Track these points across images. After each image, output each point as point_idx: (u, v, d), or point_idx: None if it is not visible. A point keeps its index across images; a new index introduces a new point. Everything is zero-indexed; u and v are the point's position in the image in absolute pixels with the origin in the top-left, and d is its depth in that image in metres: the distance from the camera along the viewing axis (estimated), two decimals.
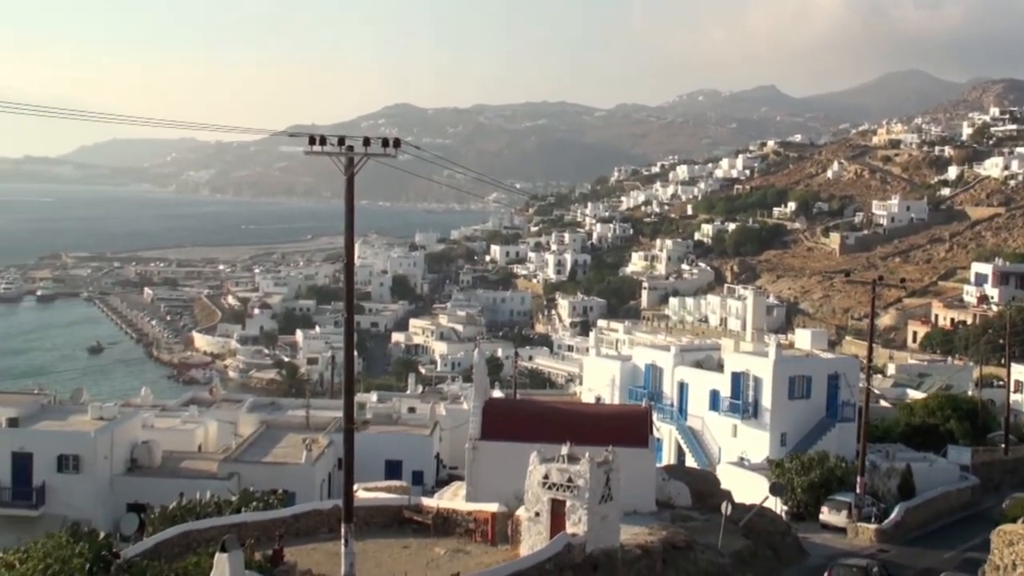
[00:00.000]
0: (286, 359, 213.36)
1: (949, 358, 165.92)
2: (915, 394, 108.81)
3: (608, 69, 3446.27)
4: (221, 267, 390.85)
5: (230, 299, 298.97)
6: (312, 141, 34.73)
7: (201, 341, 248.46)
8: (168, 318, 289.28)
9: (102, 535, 38.14)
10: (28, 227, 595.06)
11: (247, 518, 44.99)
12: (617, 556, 39.71)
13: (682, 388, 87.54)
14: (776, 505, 61.41)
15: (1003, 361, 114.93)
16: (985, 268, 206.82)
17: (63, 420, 74.15)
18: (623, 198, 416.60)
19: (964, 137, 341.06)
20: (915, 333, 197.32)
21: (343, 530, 36.43)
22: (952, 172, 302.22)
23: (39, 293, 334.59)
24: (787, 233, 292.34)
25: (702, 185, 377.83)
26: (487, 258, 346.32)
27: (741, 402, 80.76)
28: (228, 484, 64.54)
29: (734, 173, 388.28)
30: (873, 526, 60.24)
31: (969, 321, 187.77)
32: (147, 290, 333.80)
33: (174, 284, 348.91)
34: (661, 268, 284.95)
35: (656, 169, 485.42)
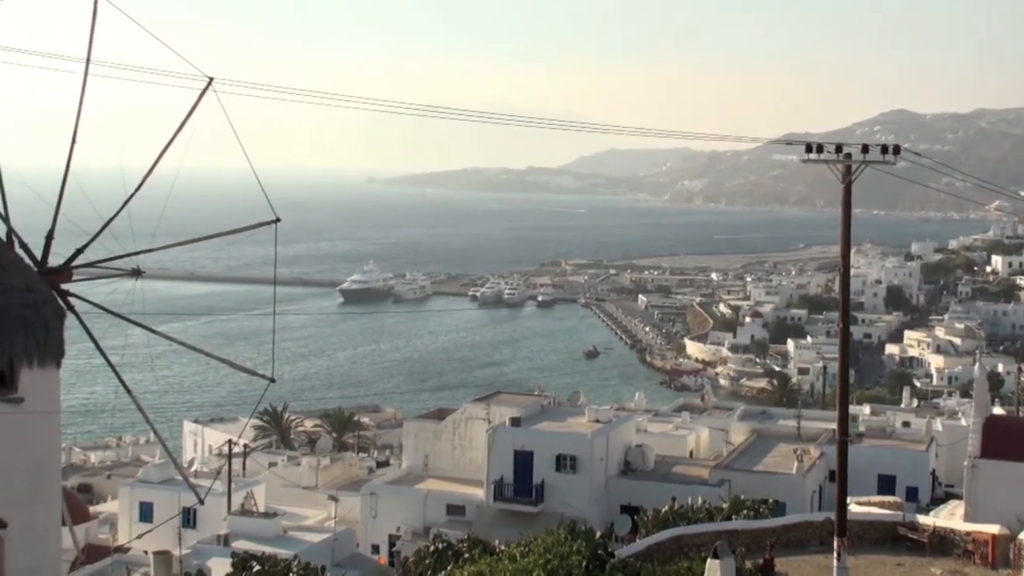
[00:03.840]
0: (777, 368, 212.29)
1: None
2: None
3: None
4: (713, 275, 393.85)
5: (722, 307, 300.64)
6: (809, 149, 34.35)
7: (693, 348, 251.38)
8: (661, 325, 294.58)
9: (598, 534, 39.22)
10: (531, 235, 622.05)
11: (738, 525, 45.04)
12: None
13: None
14: None
15: None
16: None
17: (561, 421, 76.92)
18: None
19: None
20: None
21: (836, 544, 35.82)
22: None
23: (539, 298, 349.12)
24: None
25: None
26: (988, 269, 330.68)
27: None
28: (719, 491, 64.95)
29: None
30: None
31: None
32: (641, 297, 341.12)
33: (667, 291, 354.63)
34: None
35: None
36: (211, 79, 39.09)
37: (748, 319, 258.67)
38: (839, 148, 34.45)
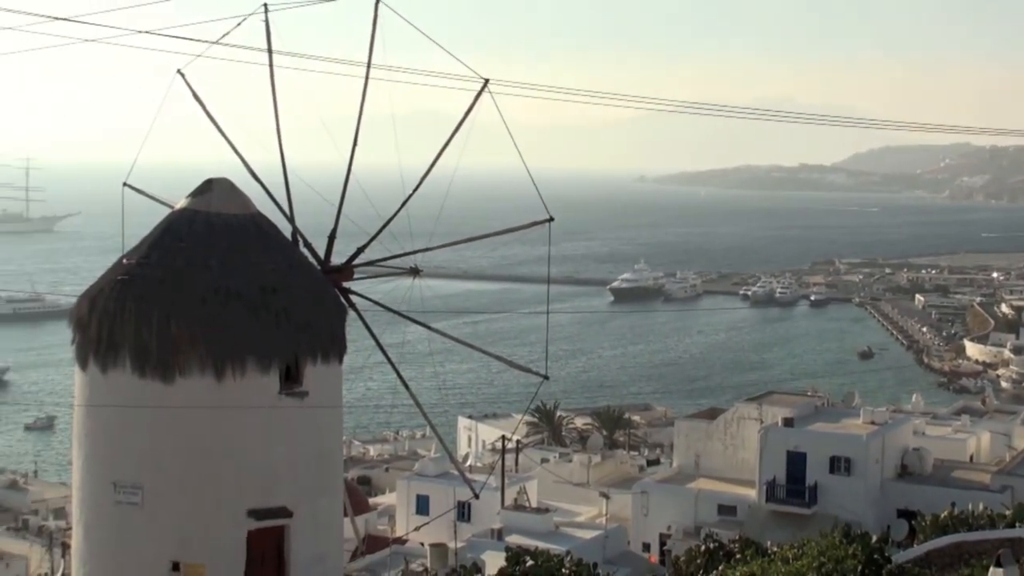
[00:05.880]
0: None
1: None
2: None
3: None
4: (995, 275, 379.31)
5: (1004, 307, 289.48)
6: None
7: (972, 349, 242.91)
8: (939, 326, 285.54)
9: (874, 538, 38.35)
10: (803, 233, 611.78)
11: (1022, 534, 43.32)
12: None
13: None
14: None
15: None
16: None
17: (835, 422, 75.49)
18: None
19: None
20: None
21: None
22: None
23: (812, 298, 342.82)
24: None
25: None
26: None
27: None
28: (1001, 497, 62.74)
29: None
30: None
31: None
32: (918, 296, 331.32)
33: (945, 291, 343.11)
34: None
35: None
36: (486, 80, 39.90)
37: None
38: None
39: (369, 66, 40.83)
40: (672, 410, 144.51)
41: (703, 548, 48.59)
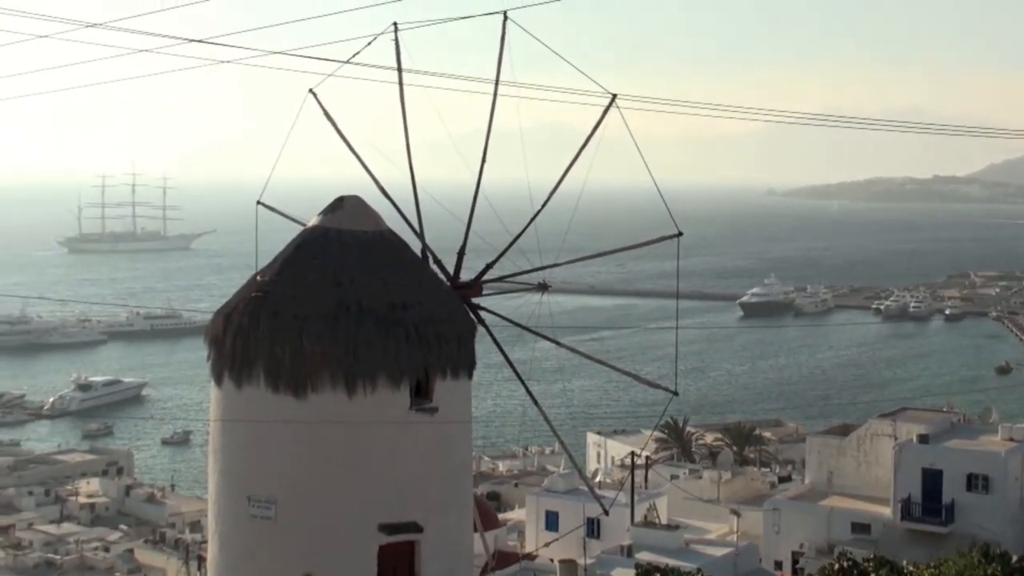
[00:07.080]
0: None
1: None
2: None
3: None
4: None
5: None
6: None
7: None
8: None
9: (1014, 558, 37.45)
10: (938, 247, 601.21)
11: None
12: None
13: None
14: None
15: None
16: None
17: (972, 439, 73.90)
18: None
19: None
20: None
21: None
22: None
23: (947, 312, 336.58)
24: None
25: None
26: None
27: None
28: None
29: None
30: None
31: None
32: None
33: None
34: None
35: None
36: (614, 96, 39.75)
37: None
38: None
39: (497, 82, 40.94)
40: (803, 426, 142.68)
41: (836, 567, 47.79)
